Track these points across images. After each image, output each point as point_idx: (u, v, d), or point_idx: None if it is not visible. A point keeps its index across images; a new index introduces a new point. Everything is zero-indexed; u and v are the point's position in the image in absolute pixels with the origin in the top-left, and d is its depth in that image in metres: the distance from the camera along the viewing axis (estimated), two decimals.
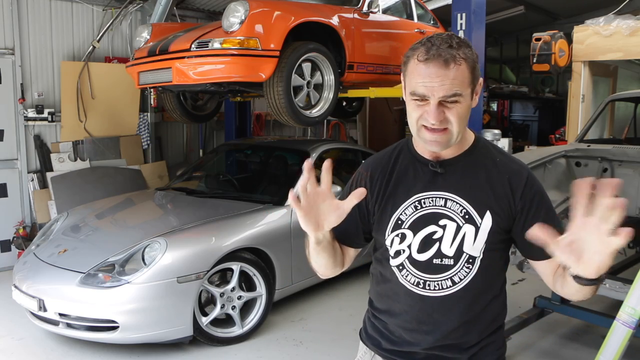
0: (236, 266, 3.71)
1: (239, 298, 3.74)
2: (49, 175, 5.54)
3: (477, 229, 1.39)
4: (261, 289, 3.84)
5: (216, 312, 3.63)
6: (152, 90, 5.61)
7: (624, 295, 2.68)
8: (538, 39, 6.40)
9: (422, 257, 1.42)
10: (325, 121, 7.81)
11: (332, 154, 5.61)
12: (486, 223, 1.39)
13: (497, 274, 1.47)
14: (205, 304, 3.68)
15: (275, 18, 4.03)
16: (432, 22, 6.17)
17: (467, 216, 1.39)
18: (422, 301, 1.42)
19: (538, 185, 1.44)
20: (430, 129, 1.33)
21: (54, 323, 3.51)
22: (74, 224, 4.19)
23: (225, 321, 3.77)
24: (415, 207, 1.43)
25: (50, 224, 4.35)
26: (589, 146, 4.03)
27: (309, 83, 4.36)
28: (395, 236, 1.45)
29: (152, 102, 6.27)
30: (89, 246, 3.79)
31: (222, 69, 3.98)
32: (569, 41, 6.35)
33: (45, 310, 3.46)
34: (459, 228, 1.40)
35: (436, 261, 1.40)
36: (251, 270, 3.80)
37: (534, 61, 6.45)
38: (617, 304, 2.70)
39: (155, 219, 4.38)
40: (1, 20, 5.28)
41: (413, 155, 1.49)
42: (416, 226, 1.43)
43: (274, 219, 4.11)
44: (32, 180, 5.55)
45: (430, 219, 1.42)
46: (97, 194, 5.34)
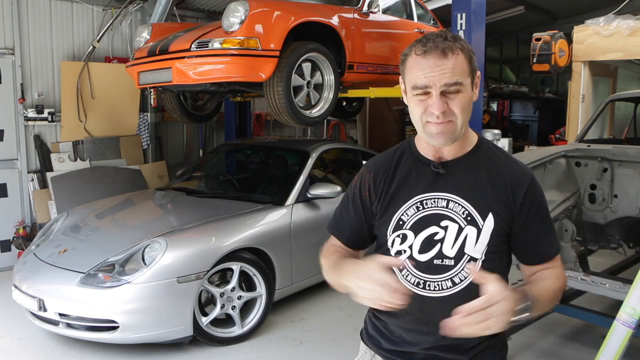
0: (236, 266, 3.71)
1: (239, 298, 3.74)
2: (49, 175, 5.55)
3: (479, 230, 1.39)
4: (261, 289, 3.85)
5: (216, 312, 3.63)
6: (152, 90, 5.61)
7: (624, 295, 2.68)
8: (538, 39, 6.41)
9: (423, 257, 1.42)
10: (325, 121, 7.81)
11: (332, 154, 5.61)
12: (488, 225, 1.39)
13: (499, 274, 1.45)
14: (205, 304, 3.68)
15: (275, 18, 4.03)
16: (432, 22, 6.17)
17: (469, 218, 1.40)
18: (422, 301, 1.41)
19: (538, 193, 1.45)
20: (435, 122, 1.35)
21: (54, 323, 3.51)
22: (74, 224, 4.19)
23: (225, 321, 3.77)
24: (417, 208, 1.44)
25: (50, 224, 4.35)
26: (589, 146, 4.03)
27: (309, 83, 4.36)
28: (396, 236, 1.45)
29: (152, 102, 6.27)
30: (89, 246, 3.80)
31: (222, 69, 3.98)
32: (569, 41, 6.35)
33: (45, 310, 3.46)
34: (460, 229, 1.40)
35: (437, 262, 1.41)
36: (251, 270, 3.80)
37: (534, 61, 6.45)
38: (617, 304, 2.70)
39: (155, 219, 4.38)
40: (1, 20, 5.28)
41: (415, 156, 1.49)
42: (418, 227, 1.43)
43: (274, 219, 4.11)
44: (32, 180, 5.55)
45: (432, 220, 1.42)
46: (97, 194, 5.34)
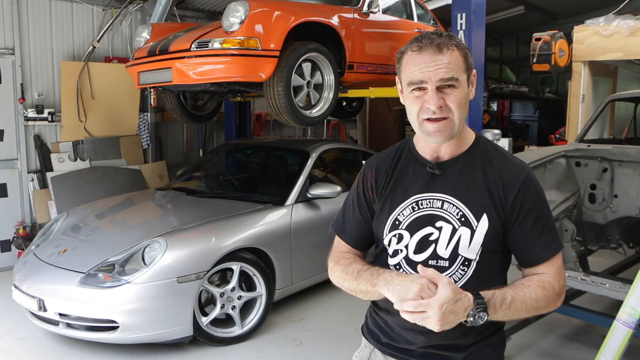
0: (236, 266, 3.71)
1: (239, 298, 3.74)
2: (49, 175, 5.54)
3: (472, 231, 1.39)
4: (261, 289, 3.85)
5: (216, 312, 3.63)
6: (152, 90, 5.60)
7: (624, 295, 2.68)
8: (538, 39, 6.40)
9: (418, 258, 1.43)
10: (325, 121, 7.81)
11: (332, 154, 5.61)
12: (482, 226, 1.39)
13: (495, 276, 1.46)
14: (205, 304, 3.69)
15: (275, 18, 4.03)
16: (432, 22, 6.17)
17: (463, 218, 1.40)
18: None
19: (533, 192, 1.42)
20: (432, 120, 1.35)
21: (54, 323, 3.51)
22: (74, 224, 4.19)
23: (225, 321, 3.77)
24: (413, 208, 1.45)
25: (50, 224, 4.35)
26: (589, 146, 4.03)
27: (309, 83, 4.36)
28: (392, 236, 1.47)
29: (152, 102, 6.26)
30: (89, 246, 3.79)
31: (222, 69, 3.98)
32: (569, 41, 6.35)
33: (45, 310, 3.46)
34: (454, 230, 1.40)
35: (432, 262, 1.41)
36: (251, 270, 3.80)
37: (534, 61, 6.45)
38: (617, 304, 2.70)
39: (155, 219, 4.38)
40: (1, 20, 5.28)
41: (413, 155, 1.50)
42: (413, 227, 1.44)
43: (274, 219, 4.11)
44: (32, 180, 5.55)
45: (426, 220, 1.43)
46: (97, 194, 5.34)
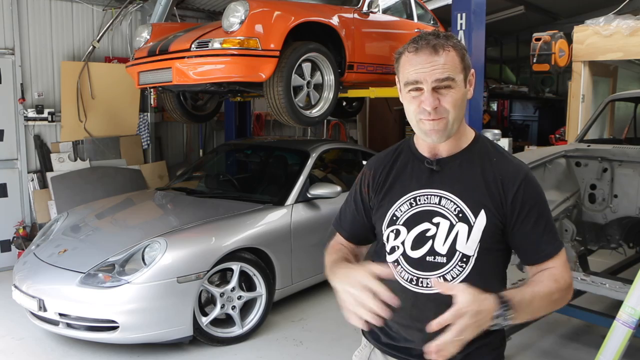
0: (236, 266, 3.71)
1: (239, 298, 3.74)
2: (49, 175, 5.54)
3: (470, 227, 1.39)
4: (261, 289, 3.85)
5: (216, 312, 3.63)
6: (152, 90, 5.60)
7: (624, 295, 2.68)
8: (538, 39, 6.40)
9: (415, 254, 1.43)
10: (325, 121, 7.81)
11: (332, 154, 5.61)
12: (480, 222, 1.39)
13: (494, 274, 1.46)
14: (205, 304, 3.69)
15: (275, 18, 4.03)
16: (432, 22, 6.18)
17: (461, 214, 1.40)
18: (415, 298, 1.43)
19: (532, 191, 1.42)
20: (428, 119, 1.37)
21: (54, 323, 3.51)
22: (74, 224, 4.19)
23: (225, 321, 3.77)
24: (411, 204, 1.46)
25: (50, 224, 4.35)
26: (589, 146, 4.03)
27: (309, 83, 4.36)
28: (390, 232, 1.48)
29: (152, 102, 6.26)
30: (89, 246, 3.79)
31: (222, 69, 3.98)
32: (569, 41, 6.35)
33: (45, 310, 3.46)
34: (452, 226, 1.40)
35: (429, 258, 1.42)
36: (251, 270, 3.80)
37: (534, 61, 6.45)
38: (617, 304, 2.70)
39: (155, 219, 4.38)
40: (1, 20, 5.28)
41: (412, 152, 1.52)
42: (410, 223, 1.45)
43: (274, 219, 4.11)
44: (32, 180, 5.55)
45: (424, 216, 1.44)
46: (97, 194, 5.34)
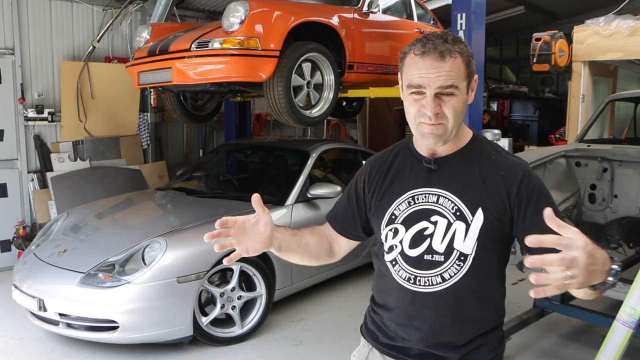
0: (236, 266, 3.70)
1: (239, 298, 3.73)
2: (49, 175, 5.54)
3: (467, 225, 1.39)
4: (261, 289, 3.84)
5: (216, 312, 3.63)
6: (152, 90, 5.60)
7: (624, 295, 2.68)
8: (538, 39, 6.40)
9: (413, 252, 1.43)
10: (325, 121, 7.81)
11: (332, 154, 5.61)
12: (477, 220, 1.39)
13: (493, 273, 1.46)
14: (205, 304, 3.68)
15: (275, 18, 4.03)
16: (432, 22, 6.17)
17: (458, 213, 1.40)
18: (413, 297, 1.43)
19: (536, 182, 1.42)
20: (427, 123, 1.37)
21: (54, 323, 3.51)
22: (74, 224, 4.19)
23: (225, 321, 3.77)
24: (409, 202, 1.46)
25: (50, 224, 4.35)
26: (589, 146, 4.03)
27: (309, 83, 4.36)
28: (389, 231, 1.48)
29: (152, 102, 6.27)
30: (89, 246, 3.79)
31: (222, 69, 3.98)
32: (569, 41, 6.35)
33: (45, 310, 3.46)
34: (449, 224, 1.40)
35: (427, 257, 1.42)
36: (251, 270, 3.80)
37: (534, 61, 6.45)
38: (617, 304, 2.70)
39: (155, 219, 4.38)
40: (1, 20, 5.28)
41: (411, 152, 1.52)
42: (408, 221, 1.45)
43: (274, 219, 4.01)
44: (32, 180, 5.55)
45: (422, 214, 1.44)
46: (97, 194, 5.34)
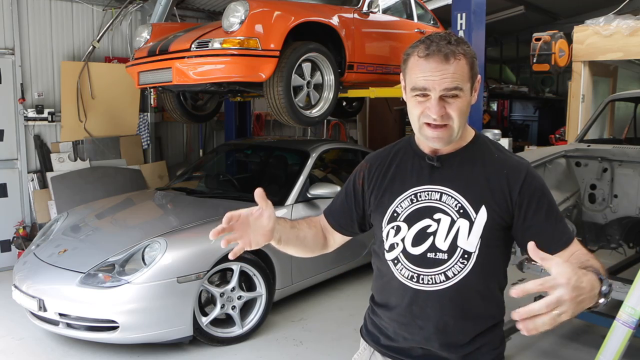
0: (236, 266, 3.71)
1: (239, 298, 3.73)
2: (49, 175, 5.54)
3: (471, 223, 1.39)
4: (261, 289, 3.84)
5: (216, 312, 3.63)
6: (152, 90, 5.61)
7: (624, 295, 2.68)
8: (538, 39, 6.40)
9: (416, 250, 1.42)
10: (325, 121, 7.81)
11: (332, 154, 5.61)
12: (481, 218, 1.39)
13: (495, 271, 1.45)
14: (205, 304, 3.68)
15: (275, 18, 4.03)
16: (432, 22, 6.17)
17: (462, 210, 1.40)
18: (415, 295, 1.42)
19: (538, 182, 1.42)
20: (432, 126, 1.36)
21: (54, 323, 3.51)
22: (74, 224, 4.19)
23: (225, 321, 3.77)
24: (411, 200, 1.45)
25: (50, 224, 4.35)
26: (589, 146, 4.03)
27: (309, 83, 4.36)
28: (390, 228, 1.47)
29: (152, 102, 6.27)
30: (89, 246, 3.79)
31: (222, 69, 3.98)
32: (569, 41, 6.35)
33: (45, 310, 3.46)
34: (453, 222, 1.40)
35: (430, 255, 1.41)
36: (251, 270, 3.80)
37: (534, 61, 6.45)
38: (617, 304, 2.70)
39: (155, 219, 4.38)
40: (1, 20, 5.28)
41: (414, 150, 1.51)
42: (411, 219, 1.44)
43: None
44: (32, 180, 5.55)
45: (425, 212, 1.43)
46: (97, 194, 5.34)
